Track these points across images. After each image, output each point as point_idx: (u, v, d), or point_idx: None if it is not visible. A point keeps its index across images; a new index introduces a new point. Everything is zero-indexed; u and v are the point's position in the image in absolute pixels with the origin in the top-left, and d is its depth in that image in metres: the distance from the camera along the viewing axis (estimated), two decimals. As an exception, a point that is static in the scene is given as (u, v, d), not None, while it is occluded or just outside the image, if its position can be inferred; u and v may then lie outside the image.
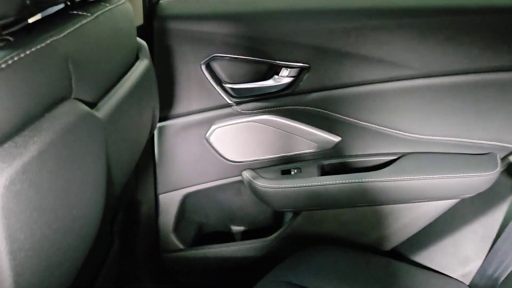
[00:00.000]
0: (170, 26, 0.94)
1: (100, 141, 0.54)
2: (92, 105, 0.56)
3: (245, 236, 1.23)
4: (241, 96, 1.00)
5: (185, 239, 1.17)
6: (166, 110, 1.00)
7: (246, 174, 1.06)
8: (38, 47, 0.44)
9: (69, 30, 0.51)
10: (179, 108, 1.01)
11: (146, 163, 1.05)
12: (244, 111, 1.01)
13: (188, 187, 1.09)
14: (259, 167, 1.07)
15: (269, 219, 1.22)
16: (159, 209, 1.11)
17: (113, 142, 0.59)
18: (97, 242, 0.59)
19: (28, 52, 0.42)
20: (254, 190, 1.04)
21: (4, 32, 0.44)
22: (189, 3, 1.00)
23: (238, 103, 1.00)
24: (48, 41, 0.46)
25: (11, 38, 0.43)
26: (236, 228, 1.23)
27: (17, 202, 0.39)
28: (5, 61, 0.39)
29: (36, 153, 0.41)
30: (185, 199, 1.12)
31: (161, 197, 1.10)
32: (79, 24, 0.54)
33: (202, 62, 0.96)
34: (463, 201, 1.04)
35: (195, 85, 0.98)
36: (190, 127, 1.02)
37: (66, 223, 0.47)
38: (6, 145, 0.39)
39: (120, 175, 0.66)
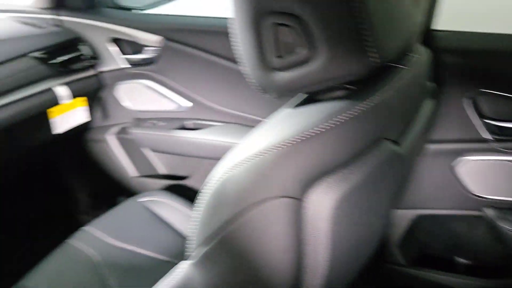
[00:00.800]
0: (441, 58, 0.99)
1: (399, 173, 0.64)
2: (396, 143, 0.65)
3: (467, 270, 1.21)
4: (502, 134, 0.99)
5: (408, 256, 1.22)
6: None
7: (489, 212, 1.04)
8: (376, 102, 0.55)
9: (396, 85, 0.60)
10: (434, 135, 1.06)
11: None
12: (502, 149, 0.99)
13: (424, 209, 1.13)
14: (504, 207, 1.04)
15: (499, 260, 1.17)
16: (391, 222, 1.19)
17: (403, 174, 0.68)
18: None
19: (371, 104, 0.54)
20: (496, 230, 1.02)
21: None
22: (460, 36, 1.03)
23: (497, 140, 0.99)
24: (383, 96, 0.56)
25: (355, 87, 0.55)
26: (460, 260, 1.22)
27: (342, 215, 0.52)
28: (357, 110, 0.51)
29: (358, 181, 0.54)
30: (418, 219, 1.16)
31: (397, 211, 1.17)
32: (400, 77, 0.63)
33: (467, 95, 0.99)
34: None
35: (454, 116, 1.01)
36: (439, 153, 1.06)
37: (365, 234, 0.59)
38: (339, 171, 0.53)
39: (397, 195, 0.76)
